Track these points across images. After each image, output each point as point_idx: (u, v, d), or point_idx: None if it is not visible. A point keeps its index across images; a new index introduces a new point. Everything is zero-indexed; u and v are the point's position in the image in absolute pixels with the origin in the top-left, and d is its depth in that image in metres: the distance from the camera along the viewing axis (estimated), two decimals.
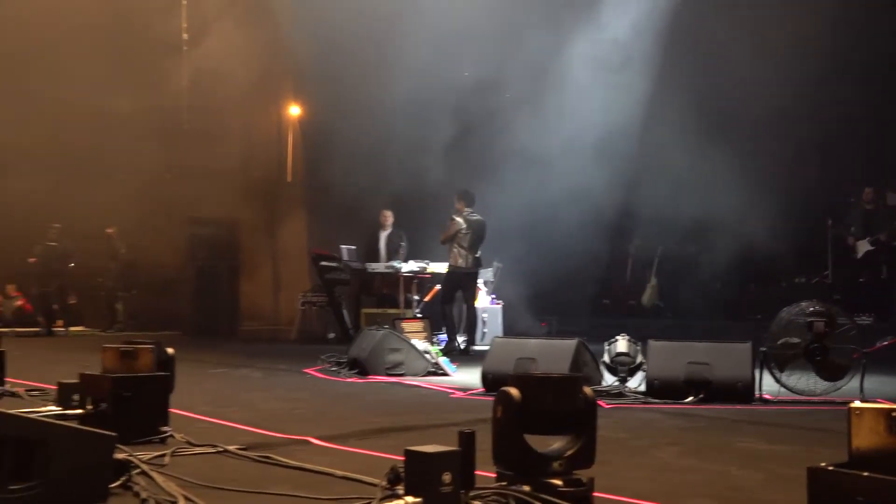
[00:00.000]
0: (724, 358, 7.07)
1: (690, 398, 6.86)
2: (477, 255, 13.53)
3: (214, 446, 4.42)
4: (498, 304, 15.89)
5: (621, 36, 15.71)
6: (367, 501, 3.04)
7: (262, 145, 21.48)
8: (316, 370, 9.89)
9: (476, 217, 13.43)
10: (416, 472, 2.95)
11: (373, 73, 16.16)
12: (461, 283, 13.62)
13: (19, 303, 20.89)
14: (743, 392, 6.88)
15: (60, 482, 3.00)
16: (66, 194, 19.12)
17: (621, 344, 7.84)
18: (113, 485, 3.25)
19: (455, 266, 13.52)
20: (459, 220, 13.35)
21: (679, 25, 15.31)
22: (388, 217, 15.71)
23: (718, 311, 16.30)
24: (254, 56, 18.22)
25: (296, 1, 16.60)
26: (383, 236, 15.78)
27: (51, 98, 18.36)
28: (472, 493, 3.06)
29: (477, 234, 13.38)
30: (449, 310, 13.56)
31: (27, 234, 19.33)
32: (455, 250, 13.42)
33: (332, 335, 16.06)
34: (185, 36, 19.93)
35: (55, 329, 18.24)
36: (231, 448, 4.38)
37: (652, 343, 7.44)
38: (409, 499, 2.91)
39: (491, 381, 7.48)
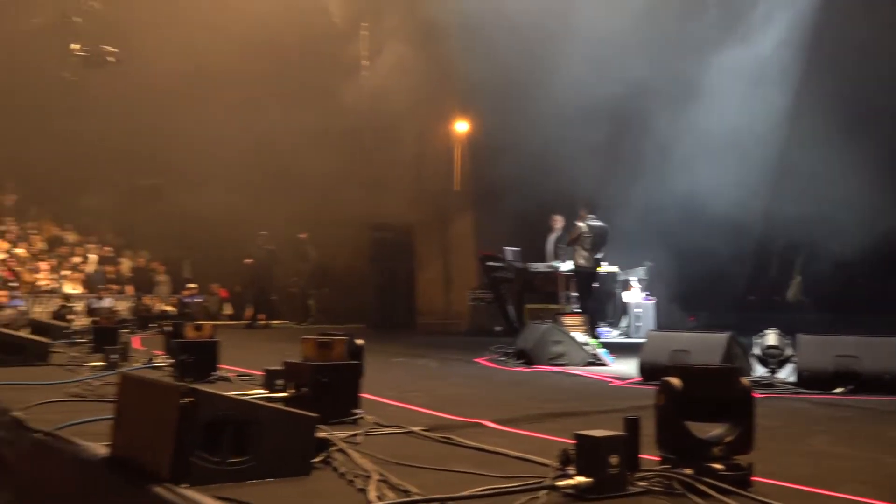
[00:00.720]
0: (873, 351, 6.72)
1: (840, 389, 6.57)
2: (597, 257, 13.86)
3: (401, 427, 4.48)
4: (651, 300, 15.66)
5: (767, 38, 15.30)
6: (541, 480, 3.01)
7: (432, 157, 21.74)
8: (486, 360, 9.95)
9: (598, 223, 13.67)
10: (586, 454, 2.91)
11: (534, 85, 16.15)
12: (585, 281, 13.97)
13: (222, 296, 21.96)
14: (891, 384, 6.52)
15: (271, 456, 3.11)
16: (265, 204, 19.92)
17: (771, 337, 7.61)
18: (315, 460, 3.33)
19: (578, 266, 13.85)
20: (582, 225, 13.63)
21: (823, 23, 14.77)
22: (558, 221, 15.73)
23: (862, 306, 15.54)
24: (425, 76, 18.47)
25: (462, 24, 16.72)
26: (551, 238, 15.79)
27: (247, 117, 19.15)
28: (637, 475, 3.00)
29: (598, 238, 13.65)
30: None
31: (232, 240, 20.26)
32: (578, 252, 13.72)
33: (498, 328, 16.13)
34: (365, 62, 20.40)
35: (259, 322, 18.97)
36: (415, 429, 4.43)
37: (802, 337, 7.16)
38: (580, 478, 2.88)
39: (648, 371, 7.34)
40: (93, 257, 24.30)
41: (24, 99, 21.37)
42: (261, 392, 5.20)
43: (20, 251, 22.73)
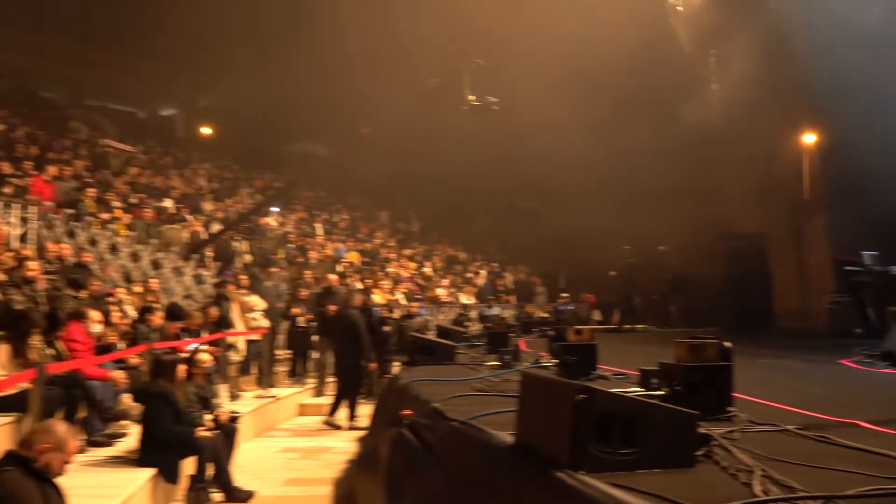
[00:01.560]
0: None
1: None
2: None
3: (774, 425, 4.21)
4: None
5: None
6: None
7: (781, 166, 20.65)
8: (850, 361, 9.10)
9: None
10: None
11: (882, 90, 14.73)
12: None
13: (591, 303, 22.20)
14: None
15: (657, 449, 3.04)
16: (627, 220, 19.92)
17: None
18: (697, 454, 3.22)
19: None
20: None
21: None
22: None
23: None
24: (772, 88, 17.55)
25: (806, 32, 15.67)
26: None
27: (607, 140, 19.29)
28: None
29: None
30: None
31: (599, 254, 20.52)
32: None
33: (858, 331, 14.73)
34: (714, 86, 19.77)
35: (624, 326, 18.95)
36: (790, 427, 4.13)
37: None
38: None
39: None
40: (482, 272, 25.64)
41: (422, 144, 23.18)
42: (638, 390, 5.14)
43: (426, 269, 24.51)
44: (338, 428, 11.38)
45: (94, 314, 8.69)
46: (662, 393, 4.58)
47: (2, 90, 26.28)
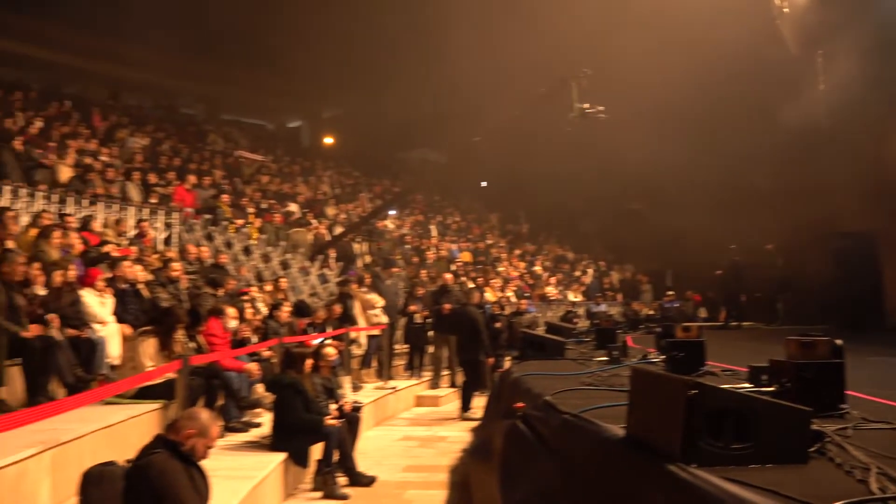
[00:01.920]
0: None
1: None
2: None
3: (889, 423, 3.98)
4: None
5: None
6: None
7: (891, 166, 19.59)
8: None
9: None
10: None
11: None
12: None
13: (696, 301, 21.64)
14: None
15: (769, 444, 2.93)
16: (732, 220, 19.31)
17: None
18: (810, 450, 3.08)
19: None
20: None
21: None
22: None
23: None
24: (881, 87, 16.64)
25: None
26: None
27: (711, 141, 18.75)
28: None
29: None
30: None
31: (705, 253, 19.94)
32: None
33: None
34: (821, 86, 18.94)
35: (731, 324, 18.38)
36: None
37: None
38: None
39: None
40: (590, 271, 25.33)
41: (533, 148, 23.10)
42: (747, 386, 4.95)
43: (535, 268, 24.38)
44: (474, 420, 11.42)
45: (231, 311, 9.02)
46: (772, 389, 4.41)
47: (148, 107, 27.68)
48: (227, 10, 25.18)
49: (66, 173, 14.04)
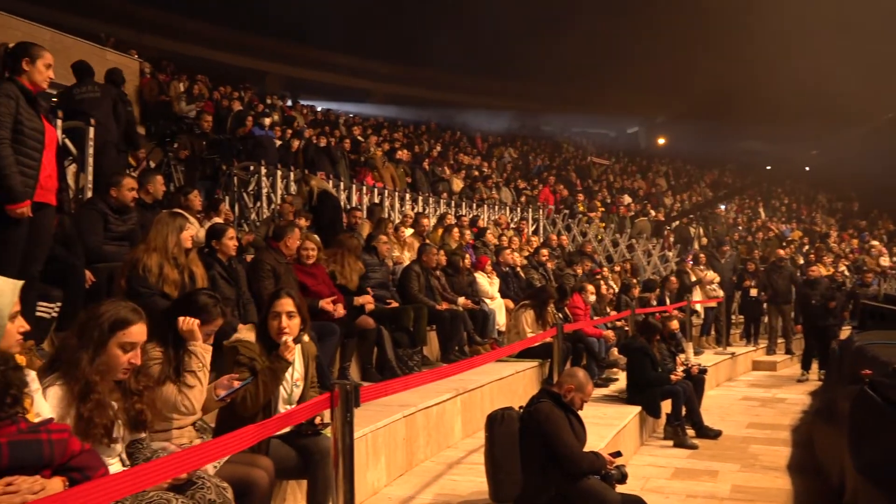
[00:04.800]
0: None
1: None
2: None
3: None
4: None
5: None
6: None
7: None
8: None
9: None
10: None
11: None
12: None
13: None
14: None
15: None
16: None
17: None
18: None
19: None
20: None
21: None
22: None
23: None
24: None
25: None
26: None
27: None
28: None
29: None
30: None
31: None
32: None
33: None
34: None
35: None
36: None
37: None
38: None
39: None
40: None
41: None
42: None
43: (873, 242, 21.19)
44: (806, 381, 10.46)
45: (590, 287, 9.11)
46: None
47: (516, 127, 29.70)
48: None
49: (458, 184, 15.36)
